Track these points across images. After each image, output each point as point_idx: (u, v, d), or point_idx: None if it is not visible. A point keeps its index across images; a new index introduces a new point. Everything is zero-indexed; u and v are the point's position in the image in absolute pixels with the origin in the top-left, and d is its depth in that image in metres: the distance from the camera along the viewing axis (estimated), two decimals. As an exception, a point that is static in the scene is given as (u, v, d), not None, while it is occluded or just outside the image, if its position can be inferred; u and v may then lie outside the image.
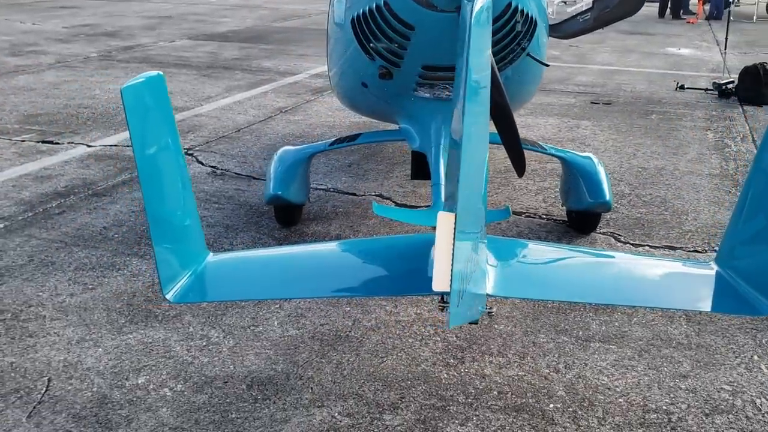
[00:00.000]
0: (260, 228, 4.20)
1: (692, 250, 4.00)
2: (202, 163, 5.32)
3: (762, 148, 2.14)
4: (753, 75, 7.40)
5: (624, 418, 2.60)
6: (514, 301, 3.34)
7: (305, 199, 4.23)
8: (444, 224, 1.67)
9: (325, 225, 4.26)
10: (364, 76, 3.60)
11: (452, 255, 1.62)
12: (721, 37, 10.29)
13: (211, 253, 2.31)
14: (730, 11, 9.77)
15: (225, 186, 4.88)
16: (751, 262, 2.22)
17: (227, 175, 5.10)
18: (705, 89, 7.96)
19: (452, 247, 1.62)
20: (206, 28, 12.46)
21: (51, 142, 5.77)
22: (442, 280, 1.65)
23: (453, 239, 1.63)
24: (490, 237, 2.23)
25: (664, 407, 2.67)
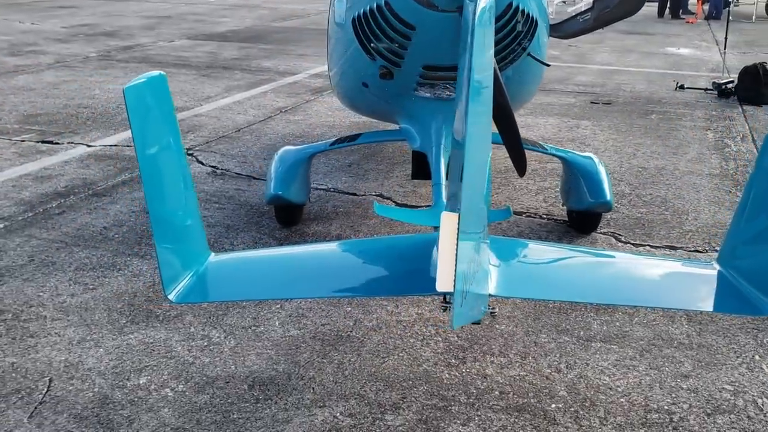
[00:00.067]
0: (261, 228, 4.20)
1: (693, 250, 4.00)
2: (202, 163, 5.32)
3: (764, 148, 2.13)
4: (752, 75, 7.40)
5: (626, 418, 2.60)
6: (515, 301, 3.34)
7: (306, 199, 4.23)
8: (447, 224, 1.66)
9: (326, 225, 4.26)
10: (364, 76, 3.60)
11: (456, 255, 1.62)
12: (721, 37, 10.30)
13: (212, 254, 2.31)
14: (729, 11, 9.78)
15: (225, 186, 4.87)
16: (753, 261, 2.22)
17: (227, 175, 5.10)
18: (705, 89, 7.96)
19: (456, 247, 1.62)
20: (205, 28, 12.46)
21: (51, 142, 5.77)
22: (445, 280, 1.65)
23: (456, 239, 1.63)
24: (492, 237, 2.23)
25: (666, 407, 2.67)
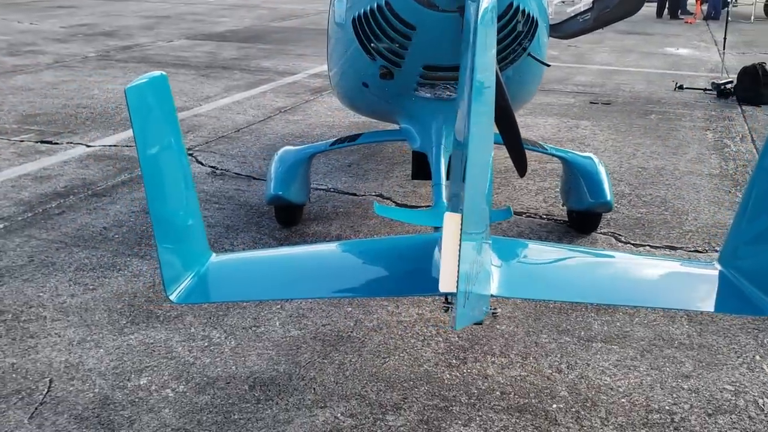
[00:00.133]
0: (261, 228, 4.19)
1: (693, 250, 4.00)
2: (202, 163, 5.31)
3: (765, 149, 2.13)
4: (752, 75, 7.41)
5: (627, 419, 2.60)
6: (516, 301, 3.34)
7: (306, 200, 4.23)
8: (450, 225, 1.66)
9: (326, 225, 4.25)
10: (364, 76, 3.59)
11: (458, 256, 1.61)
12: (719, 37, 10.31)
13: (213, 254, 2.31)
14: (728, 11, 9.79)
15: (225, 186, 4.87)
16: (755, 262, 2.22)
17: (227, 175, 5.10)
18: (704, 89, 7.97)
19: (459, 247, 1.62)
20: (204, 28, 12.45)
21: (50, 142, 5.76)
22: (448, 281, 1.64)
23: (459, 240, 1.63)
24: (493, 237, 2.23)
25: (667, 407, 2.67)
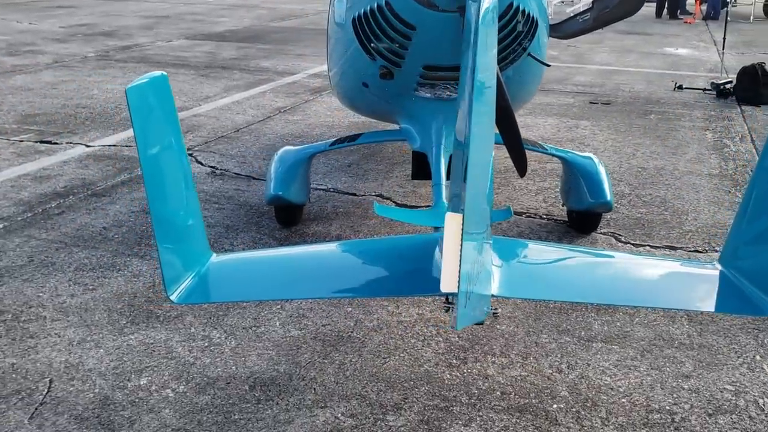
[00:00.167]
0: (261, 228, 4.19)
1: (693, 250, 4.00)
2: (202, 163, 5.31)
3: (766, 149, 2.13)
4: (751, 75, 7.41)
5: (627, 419, 2.60)
6: (516, 301, 3.34)
7: (306, 200, 4.23)
8: (452, 225, 1.66)
9: (326, 225, 4.25)
10: (364, 76, 3.59)
11: (460, 256, 1.61)
12: (719, 37, 10.31)
13: (214, 254, 2.31)
14: (727, 11, 9.79)
15: (225, 186, 4.87)
16: (755, 262, 2.22)
17: (227, 175, 5.09)
18: (703, 89, 7.97)
19: (460, 248, 1.62)
20: (204, 28, 12.44)
21: (49, 142, 5.75)
22: (449, 281, 1.64)
23: (461, 240, 1.63)
24: (494, 237, 2.23)
25: (668, 407, 2.67)
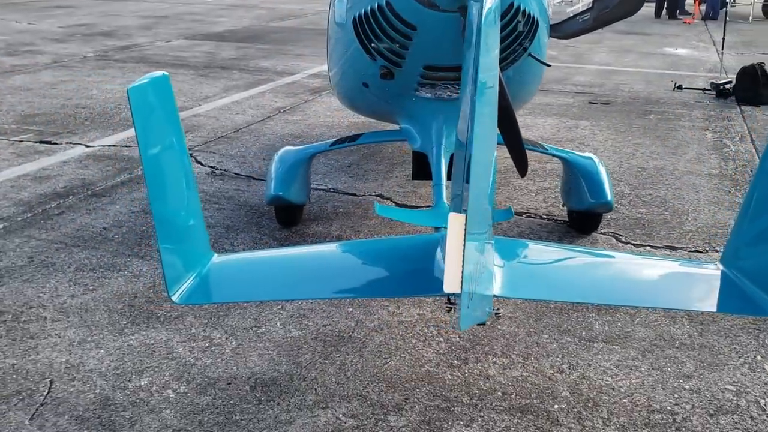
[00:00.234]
0: (261, 228, 4.19)
1: (693, 250, 4.00)
2: (201, 164, 5.31)
3: (767, 149, 2.13)
4: (751, 75, 7.41)
5: (629, 419, 2.60)
6: (517, 301, 3.33)
7: (306, 200, 4.22)
8: (455, 225, 1.66)
9: (326, 225, 4.25)
10: (365, 76, 3.59)
11: (463, 256, 1.61)
12: (718, 38, 10.32)
13: (215, 254, 2.31)
14: (726, 11, 9.79)
15: (225, 186, 4.86)
16: (757, 262, 2.22)
17: (227, 175, 5.09)
18: (703, 89, 7.97)
19: (463, 248, 1.62)
20: (203, 28, 12.44)
21: (49, 143, 5.75)
22: (452, 281, 1.64)
23: (464, 240, 1.62)
24: (496, 237, 2.23)
25: (669, 408, 2.66)
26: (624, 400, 2.70)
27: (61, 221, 4.24)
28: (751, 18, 15.14)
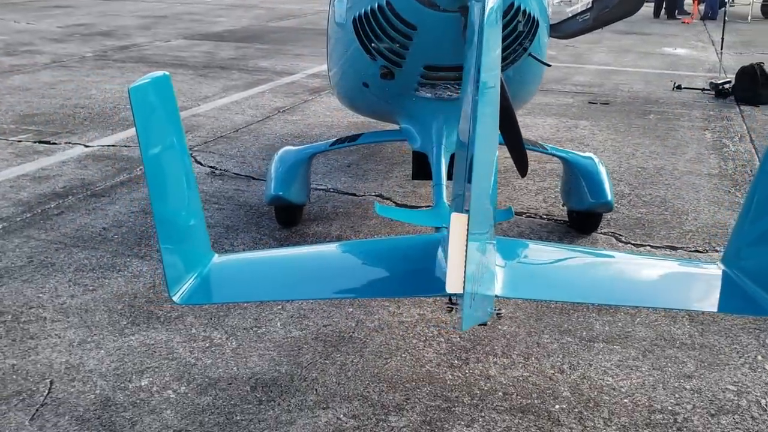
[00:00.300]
0: (261, 228, 4.18)
1: (693, 250, 4.00)
2: (201, 164, 5.30)
3: None
4: (750, 75, 7.41)
5: (630, 419, 2.59)
6: (517, 301, 3.33)
7: (306, 200, 4.22)
8: (457, 225, 1.65)
9: (326, 226, 4.24)
10: (365, 76, 3.59)
11: (465, 256, 1.61)
12: (717, 37, 10.32)
13: (216, 255, 2.30)
14: (725, 11, 9.78)
15: (224, 186, 4.86)
16: (758, 262, 2.22)
17: (226, 175, 5.09)
18: (702, 89, 7.97)
19: (465, 248, 1.61)
20: (202, 28, 12.43)
21: (48, 143, 5.74)
22: (455, 281, 1.64)
23: (466, 240, 1.62)
24: (497, 238, 2.22)
25: (670, 408, 2.66)
26: (625, 400, 2.70)
27: (60, 221, 4.23)
28: (749, 18, 15.16)
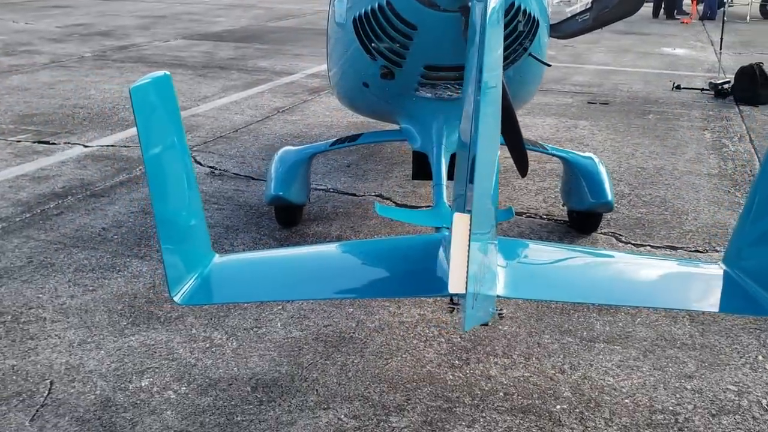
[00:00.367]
0: (261, 229, 4.18)
1: (693, 250, 4.00)
2: (201, 164, 5.29)
3: None
4: (749, 75, 7.41)
5: (631, 419, 2.59)
6: (518, 301, 3.33)
7: (306, 200, 4.22)
8: (460, 225, 1.65)
9: (326, 226, 4.24)
10: (365, 76, 3.58)
11: (468, 257, 1.61)
12: (716, 37, 10.33)
13: (217, 255, 2.30)
14: (724, 11, 9.78)
15: (224, 186, 4.85)
16: (760, 262, 2.22)
17: (226, 175, 5.08)
18: (701, 89, 7.97)
19: (468, 248, 1.61)
20: (201, 28, 12.42)
21: (47, 143, 5.73)
22: (457, 281, 1.63)
23: (469, 240, 1.62)
24: (499, 238, 2.22)
25: (671, 408, 2.66)
26: (626, 401, 2.70)
27: (60, 222, 4.22)
28: (748, 18, 15.16)
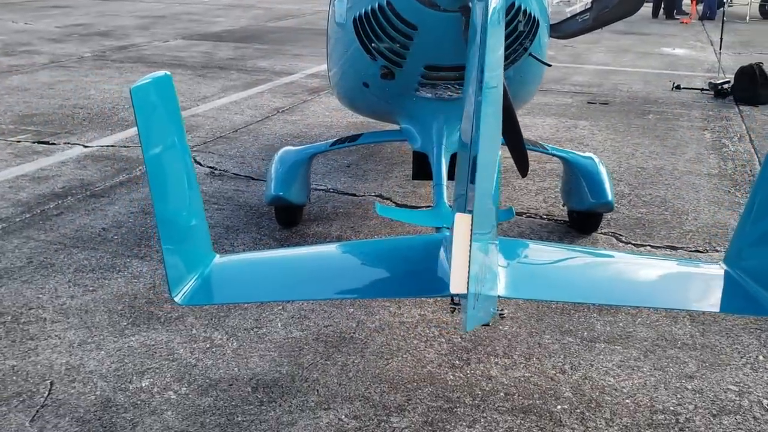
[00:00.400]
0: (261, 229, 4.18)
1: (693, 250, 4.00)
2: (200, 164, 5.29)
3: None
4: (749, 75, 7.41)
5: (632, 419, 2.59)
6: (518, 301, 3.33)
7: (306, 200, 4.21)
8: (461, 225, 1.65)
9: (326, 226, 4.24)
10: (365, 76, 3.58)
11: (469, 257, 1.60)
12: (715, 37, 10.33)
13: (217, 255, 2.30)
14: (724, 11, 9.79)
15: (224, 186, 4.85)
16: (761, 262, 2.21)
17: (226, 175, 5.08)
18: (701, 89, 7.97)
19: (469, 248, 1.61)
20: (200, 28, 12.41)
21: (47, 143, 5.73)
22: (459, 282, 1.63)
23: (470, 241, 1.62)
24: (499, 238, 2.22)
25: (672, 408, 2.66)
26: (627, 401, 2.70)
27: (60, 222, 4.22)
28: (748, 18, 15.16)
